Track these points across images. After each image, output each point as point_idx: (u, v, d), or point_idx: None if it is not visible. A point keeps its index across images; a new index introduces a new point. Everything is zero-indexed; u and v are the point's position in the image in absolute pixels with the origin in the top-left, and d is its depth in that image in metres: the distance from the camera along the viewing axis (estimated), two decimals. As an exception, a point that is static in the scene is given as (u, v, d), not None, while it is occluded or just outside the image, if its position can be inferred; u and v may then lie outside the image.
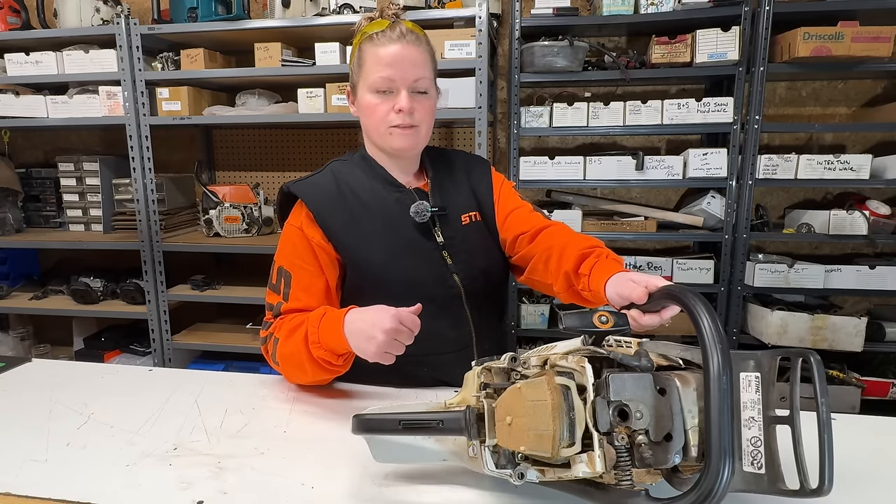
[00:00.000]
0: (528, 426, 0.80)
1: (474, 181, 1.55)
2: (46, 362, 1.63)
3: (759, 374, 0.83)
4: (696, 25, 2.70)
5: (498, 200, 1.56)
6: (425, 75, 1.39)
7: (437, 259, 1.44)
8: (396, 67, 1.35)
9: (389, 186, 1.46)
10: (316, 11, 2.93)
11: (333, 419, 1.23)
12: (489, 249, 1.52)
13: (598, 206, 3.17)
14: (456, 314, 1.45)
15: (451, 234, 1.46)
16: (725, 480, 0.71)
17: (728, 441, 0.73)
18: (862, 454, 1.08)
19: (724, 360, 0.74)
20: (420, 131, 1.41)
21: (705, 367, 0.75)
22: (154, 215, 3.15)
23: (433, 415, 0.91)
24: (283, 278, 1.40)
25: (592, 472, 0.77)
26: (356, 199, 1.43)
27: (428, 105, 1.41)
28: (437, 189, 1.49)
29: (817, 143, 3.13)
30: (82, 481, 0.99)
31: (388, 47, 1.35)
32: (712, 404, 0.73)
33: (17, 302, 3.45)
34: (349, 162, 1.51)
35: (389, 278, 1.40)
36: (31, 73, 3.12)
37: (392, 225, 1.42)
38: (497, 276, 1.55)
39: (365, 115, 1.42)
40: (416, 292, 1.36)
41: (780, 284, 2.86)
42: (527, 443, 0.80)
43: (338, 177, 1.46)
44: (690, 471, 0.82)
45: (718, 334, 0.76)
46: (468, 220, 1.49)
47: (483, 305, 1.49)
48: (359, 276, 1.42)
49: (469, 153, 1.66)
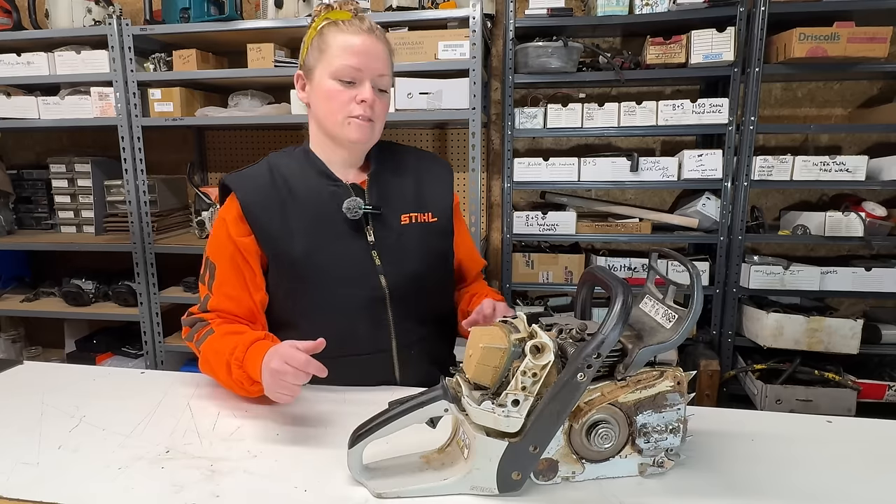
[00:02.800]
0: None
1: (428, 181, 1.52)
2: (38, 365, 1.61)
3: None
4: (692, 26, 2.70)
5: (455, 209, 1.57)
6: (388, 72, 1.39)
7: (364, 258, 1.40)
8: (364, 58, 1.33)
9: (325, 179, 1.43)
10: (309, 12, 2.91)
11: (326, 422, 1.22)
12: (430, 253, 1.49)
13: (593, 208, 3.17)
14: (377, 317, 1.41)
15: (385, 234, 1.43)
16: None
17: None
18: (858, 457, 1.08)
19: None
20: (375, 126, 1.40)
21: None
22: (146, 217, 3.14)
23: (413, 399, 0.95)
24: (209, 270, 1.40)
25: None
26: (288, 190, 1.40)
27: (386, 103, 1.42)
28: (376, 186, 1.45)
29: (813, 144, 3.13)
30: (74, 484, 0.98)
31: (358, 36, 1.34)
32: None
33: (8, 304, 3.43)
34: (288, 153, 1.49)
35: (309, 274, 1.38)
36: (23, 74, 3.11)
37: (322, 219, 1.39)
38: (434, 280, 1.50)
39: (322, 102, 1.38)
40: (337, 290, 1.37)
41: (775, 286, 2.86)
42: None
43: (273, 168, 1.44)
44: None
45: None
46: (409, 220, 1.46)
47: (412, 311, 1.45)
48: (280, 268, 1.40)
49: (429, 153, 1.63)
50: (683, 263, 0.99)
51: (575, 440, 0.93)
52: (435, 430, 0.96)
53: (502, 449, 0.90)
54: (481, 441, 0.90)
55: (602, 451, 0.95)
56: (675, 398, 0.95)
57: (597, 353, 0.87)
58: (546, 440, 0.91)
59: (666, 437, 0.95)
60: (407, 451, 1.02)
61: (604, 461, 0.96)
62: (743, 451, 1.08)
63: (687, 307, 0.93)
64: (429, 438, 1.00)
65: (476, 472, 0.92)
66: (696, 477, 0.99)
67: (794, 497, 0.94)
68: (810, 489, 0.96)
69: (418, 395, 0.95)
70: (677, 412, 0.96)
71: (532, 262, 3.06)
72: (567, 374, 0.87)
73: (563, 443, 0.93)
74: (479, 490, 0.93)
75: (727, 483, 0.98)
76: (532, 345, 0.88)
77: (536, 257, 3.06)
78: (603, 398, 0.93)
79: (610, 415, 0.93)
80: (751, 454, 1.07)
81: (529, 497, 0.94)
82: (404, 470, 0.98)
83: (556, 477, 0.95)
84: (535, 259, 3.06)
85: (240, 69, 2.98)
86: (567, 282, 3.05)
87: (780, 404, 2.72)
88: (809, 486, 0.97)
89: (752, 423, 1.21)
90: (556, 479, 0.95)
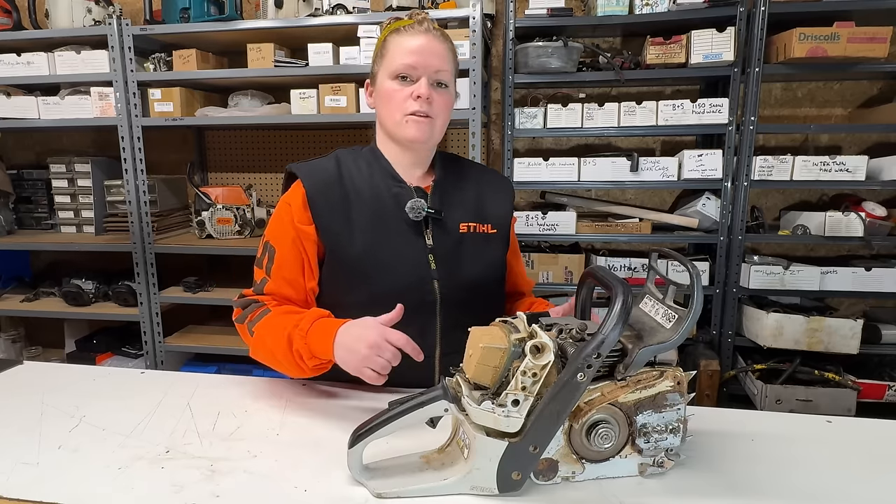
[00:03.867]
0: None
1: (489, 194, 1.54)
2: (38, 365, 1.61)
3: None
4: (692, 26, 2.70)
5: (512, 227, 1.59)
6: (447, 68, 1.39)
7: (420, 262, 1.40)
8: (420, 55, 1.35)
9: (390, 179, 1.44)
10: (309, 12, 2.92)
11: (326, 422, 1.22)
12: (486, 264, 1.48)
13: (593, 208, 3.17)
14: (425, 321, 1.41)
15: (443, 239, 1.43)
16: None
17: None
18: (858, 457, 1.08)
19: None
20: (435, 123, 1.40)
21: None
22: (146, 217, 3.13)
23: (413, 399, 0.96)
24: (268, 253, 1.40)
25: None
26: (353, 185, 1.42)
27: (446, 99, 1.41)
28: (440, 191, 1.46)
29: (813, 144, 3.13)
30: (74, 484, 0.98)
31: (415, 37, 1.37)
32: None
33: (8, 304, 3.42)
34: (356, 152, 1.50)
35: (366, 270, 1.38)
36: (23, 74, 3.10)
37: (383, 218, 1.40)
38: (487, 291, 1.49)
39: (382, 102, 1.41)
40: (390, 290, 1.36)
41: (775, 286, 2.86)
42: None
43: (341, 163, 1.45)
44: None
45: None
46: (467, 229, 1.46)
47: (460, 319, 1.39)
48: (336, 262, 1.40)
49: (491, 169, 1.66)
50: (683, 263, 0.99)
51: (575, 440, 0.93)
52: (435, 430, 0.96)
53: (502, 449, 0.90)
54: (481, 441, 0.90)
55: (602, 451, 0.95)
56: (675, 398, 0.95)
57: (597, 353, 0.87)
58: (546, 440, 0.91)
59: (666, 436, 0.95)
60: (407, 451, 1.02)
61: (604, 461, 0.96)
62: (743, 451, 1.08)
63: (687, 307, 0.93)
64: (429, 439, 1.00)
65: (476, 472, 0.92)
66: (696, 477, 0.99)
67: (794, 497, 0.94)
68: (810, 489, 0.96)
69: (418, 396, 0.95)
70: (677, 412, 0.96)
71: (532, 262, 3.06)
72: (567, 374, 0.88)
73: (563, 443, 0.94)
74: (479, 490, 0.93)
75: (727, 483, 0.98)
76: (532, 345, 0.88)
77: (536, 257, 3.06)
78: (603, 398, 0.93)
79: (610, 415, 0.93)
80: (751, 454, 1.07)
81: (529, 497, 0.94)
82: (404, 470, 0.98)
83: (556, 477, 0.95)
84: (535, 259, 3.06)
85: (240, 69, 2.98)
86: (567, 282, 3.05)
87: (780, 404, 2.72)
88: (809, 486, 0.97)
89: (752, 423, 1.21)
90: (556, 479, 0.95)
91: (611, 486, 0.96)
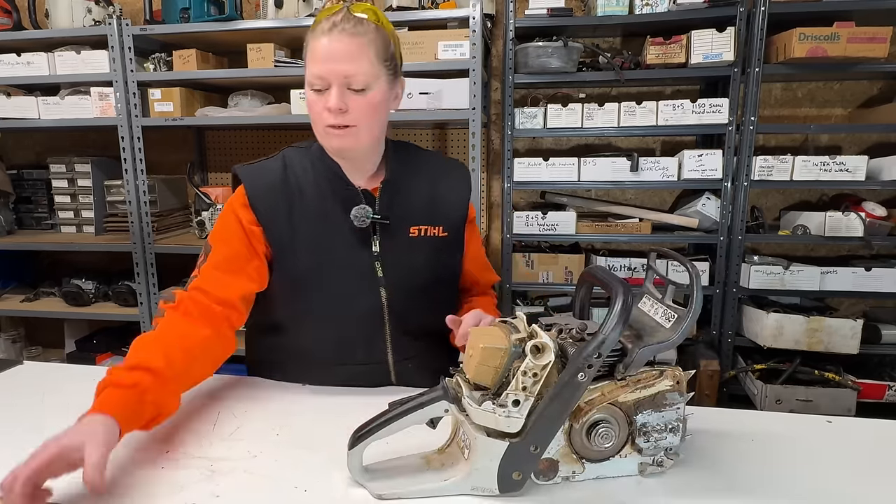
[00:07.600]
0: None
1: (443, 192, 1.45)
2: (38, 365, 1.61)
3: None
4: (691, 26, 2.70)
5: (471, 222, 1.51)
6: (360, 70, 1.23)
7: (366, 270, 1.36)
8: (325, 62, 1.23)
9: (338, 182, 1.36)
10: (309, 12, 2.92)
11: (326, 422, 1.21)
12: (436, 269, 1.43)
13: (593, 208, 3.17)
14: (373, 328, 1.38)
15: (391, 245, 1.37)
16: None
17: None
18: (858, 457, 1.08)
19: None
20: (359, 132, 1.28)
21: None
22: (146, 217, 3.13)
23: (413, 400, 0.95)
24: (205, 253, 1.32)
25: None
26: (299, 189, 1.35)
27: (366, 103, 1.26)
28: (388, 194, 1.38)
29: (813, 144, 3.13)
30: (74, 484, 0.97)
31: (320, 40, 1.23)
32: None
33: (8, 304, 3.42)
34: (305, 150, 1.41)
35: (310, 278, 1.34)
36: (23, 74, 3.10)
37: (328, 223, 1.35)
38: (436, 296, 1.43)
39: (308, 111, 1.32)
40: (335, 298, 1.34)
41: (775, 286, 2.85)
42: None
43: (287, 164, 1.38)
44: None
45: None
46: (418, 233, 1.40)
47: (410, 325, 1.41)
48: (281, 268, 1.35)
49: (450, 159, 1.54)
50: (683, 263, 0.99)
51: (575, 440, 0.93)
52: (435, 430, 0.96)
53: (503, 449, 0.90)
54: (482, 441, 0.90)
55: (602, 451, 0.95)
56: (674, 397, 0.95)
57: (597, 352, 0.87)
58: (547, 440, 0.91)
59: (665, 436, 0.95)
60: (407, 452, 1.02)
61: (604, 461, 0.96)
62: (743, 450, 1.08)
63: (686, 307, 0.93)
64: (429, 439, 1.00)
65: (477, 473, 0.92)
66: (695, 477, 0.99)
67: (794, 497, 0.94)
68: (810, 489, 0.96)
69: (418, 396, 0.95)
70: (677, 411, 0.96)
71: (532, 262, 3.06)
72: (568, 374, 0.88)
73: (564, 442, 0.94)
74: (479, 490, 0.93)
75: (727, 483, 0.98)
76: (532, 345, 0.88)
77: (536, 257, 3.06)
78: (603, 398, 0.93)
79: (610, 414, 0.93)
80: (751, 454, 1.07)
81: (530, 497, 0.94)
82: (404, 471, 0.98)
83: (557, 477, 0.95)
84: (535, 259, 3.06)
85: (240, 69, 2.98)
86: (567, 282, 3.05)
87: (780, 404, 2.72)
88: (809, 485, 0.97)
89: (752, 423, 1.20)
90: (557, 479, 0.95)
91: (611, 485, 0.96)
